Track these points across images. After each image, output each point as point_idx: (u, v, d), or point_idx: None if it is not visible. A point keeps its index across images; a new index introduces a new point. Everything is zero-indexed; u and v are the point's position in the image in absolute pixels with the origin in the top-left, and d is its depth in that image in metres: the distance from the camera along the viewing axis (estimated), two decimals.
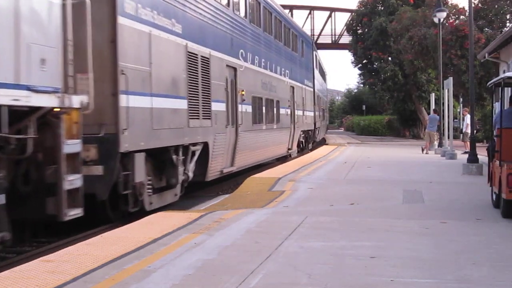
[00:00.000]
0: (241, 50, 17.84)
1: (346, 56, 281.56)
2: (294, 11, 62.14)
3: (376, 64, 50.91)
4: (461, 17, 37.24)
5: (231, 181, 18.31)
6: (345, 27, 58.40)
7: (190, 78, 13.07)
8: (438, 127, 28.70)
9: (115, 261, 6.57)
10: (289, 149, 26.17)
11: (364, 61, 53.10)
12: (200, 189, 15.91)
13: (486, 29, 35.78)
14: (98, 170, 9.50)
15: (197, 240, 7.69)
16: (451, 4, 38.95)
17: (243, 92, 17.56)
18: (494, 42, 24.78)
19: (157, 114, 11.31)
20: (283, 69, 24.92)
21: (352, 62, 54.69)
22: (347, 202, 11.54)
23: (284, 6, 33.52)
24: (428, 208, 11.03)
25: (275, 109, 22.83)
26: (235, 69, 17.00)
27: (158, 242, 7.57)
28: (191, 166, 13.32)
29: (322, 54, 50.76)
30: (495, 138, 10.73)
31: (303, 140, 31.67)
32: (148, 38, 11.07)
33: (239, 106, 17.20)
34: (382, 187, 14.05)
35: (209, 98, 14.26)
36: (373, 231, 8.51)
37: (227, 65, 16.19)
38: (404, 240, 7.92)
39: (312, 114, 34.86)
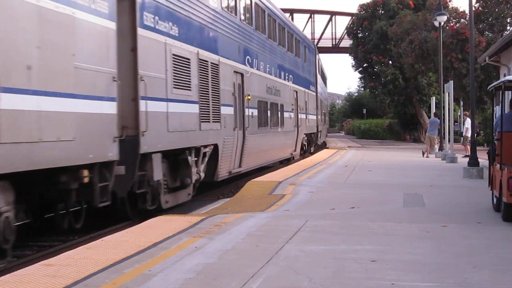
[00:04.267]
0: (248, 56, 18.36)
1: (347, 60, 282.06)
2: (295, 15, 62.16)
3: (377, 67, 50.94)
4: (462, 20, 37.28)
5: (231, 184, 18.32)
6: (345, 31, 58.41)
7: None
8: (439, 131, 28.70)
9: (115, 265, 6.57)
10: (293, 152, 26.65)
11: (365, 65, 53.12)
12: (201, 193, 15.91)
13: (487, 32, 35.82)
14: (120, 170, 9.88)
15: (197, 244, 7.69)
16: (452, 7, 39.00)
17: (249, 97, 17.94)
18: (495, 46, 24.83)
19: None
20: (286, 74, 24.75)
21: (353, 66, 54.75)
22: (348, 206, 11.54)
23: (284, 10, 33.26)
24: (428, 211, 11.03)
25: (279, 113, 22.88)
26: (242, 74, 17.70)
27: (159, 246, 7.57)
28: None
29: (323, 58, 50.13)
30: (495, 141, 10.73)
31: (306, 143, 31.25)
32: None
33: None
34: (382, 191, 14.05)
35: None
36: (373, 235, 8.51)
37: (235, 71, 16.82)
38: (405, 243, 7.92)
39: (314, 117, 34.10)
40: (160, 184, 11.80)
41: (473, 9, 22.60)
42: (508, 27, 34.82)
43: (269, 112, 21.50)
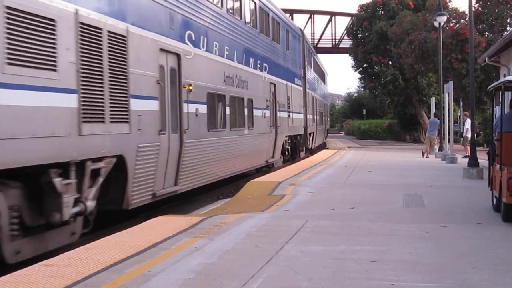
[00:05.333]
0: (190, 32, 13.29)
1: (347, 60, 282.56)
2: (294, 15, 62.21)
3: (377, 68, 51.02)
4: (462, 21, 37.31)
5: (231, 185, 18.31)
6: (345, 31, 58.48)
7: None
8: (439, 131, 28.73)
9: (115, 265, 6.57)
10: (270, 158, 21.97)
11: (365, 65, 53.19)
12: (201, 193, 15.92)
13: (487, 33, 35.84)
14: None
15: (197, 244, 7.69)
16: (452, 8, 39.04)
17: (190, 87, 13.19)
18: (495, 46, 24.84)
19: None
20: (259, 61, 19.96)
21: (353, 66, 54.83)
22: (348, 206, 11.54)
23: (284, 10, 33.04)
24: (428, 212, 11.03)
25: (246, 110, 18.11)
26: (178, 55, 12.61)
27: (159, 246, 7.57)
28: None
29: (323, 58, 50.01)
30: (495, 142, 10.74)
31: (289, 147, 26.41)
32: None
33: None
34: (382, 191, 14.05)
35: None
36: (373, 235, 8.51)
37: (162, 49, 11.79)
38: (405, 244, 7.92)
39: (301, 116, 29.39)
40: None
41: (473, 9, 22.63)
42: (508, 28, 34.83)
43: (228, 108, 16.17)
